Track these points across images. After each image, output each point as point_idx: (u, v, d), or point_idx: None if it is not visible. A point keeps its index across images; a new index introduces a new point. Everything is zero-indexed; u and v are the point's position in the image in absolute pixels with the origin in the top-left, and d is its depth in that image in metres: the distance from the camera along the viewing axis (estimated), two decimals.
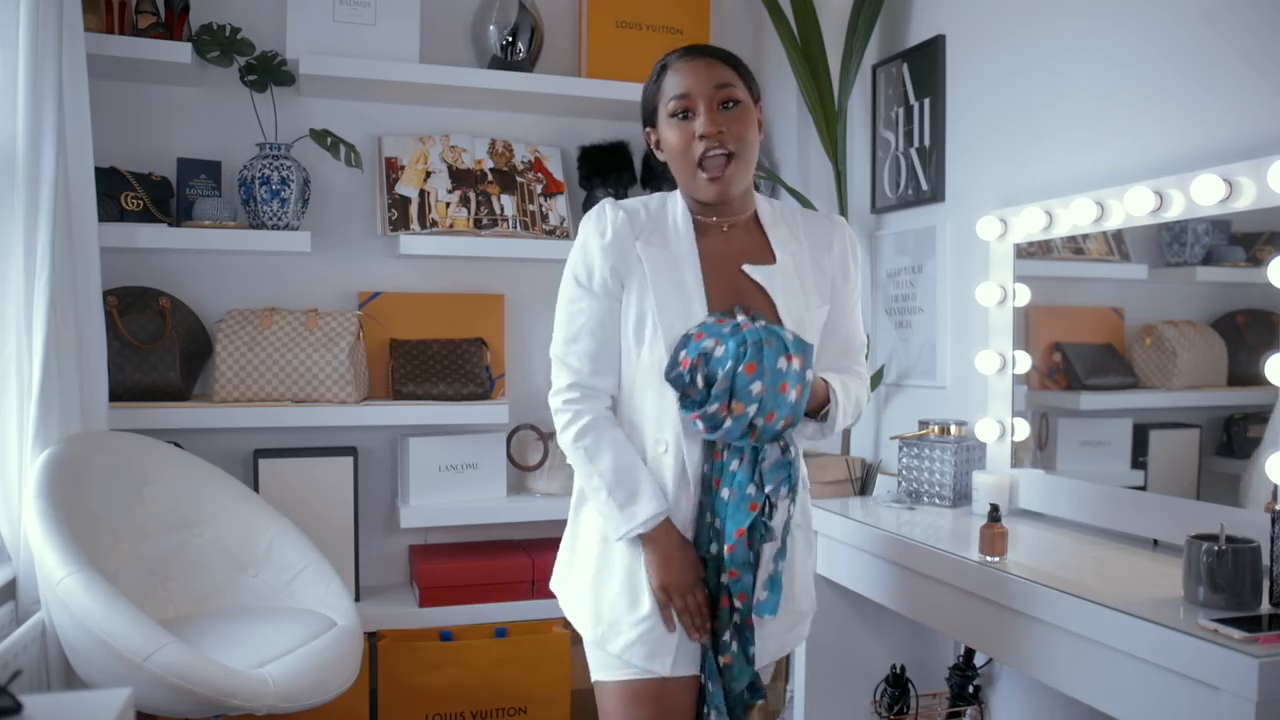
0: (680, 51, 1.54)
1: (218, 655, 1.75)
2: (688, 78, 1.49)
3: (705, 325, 1.43)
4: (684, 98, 1.48)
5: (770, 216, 1.58)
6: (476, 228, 2.65)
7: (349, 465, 2.50)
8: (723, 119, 1.47)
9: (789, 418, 1.40)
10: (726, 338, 1.39)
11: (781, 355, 1.38)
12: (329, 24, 2.53)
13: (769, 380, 1.37)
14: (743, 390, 1.37)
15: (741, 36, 3.02)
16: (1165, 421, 1.75)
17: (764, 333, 1.39)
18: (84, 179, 2.10)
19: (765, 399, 1.38)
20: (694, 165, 1.48)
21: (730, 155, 1.47)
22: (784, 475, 1.45)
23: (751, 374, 1.37)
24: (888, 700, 2.09)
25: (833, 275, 1.57)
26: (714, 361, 1.39)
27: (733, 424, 1.39)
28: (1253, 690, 1.11)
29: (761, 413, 1.38)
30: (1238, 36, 1.59)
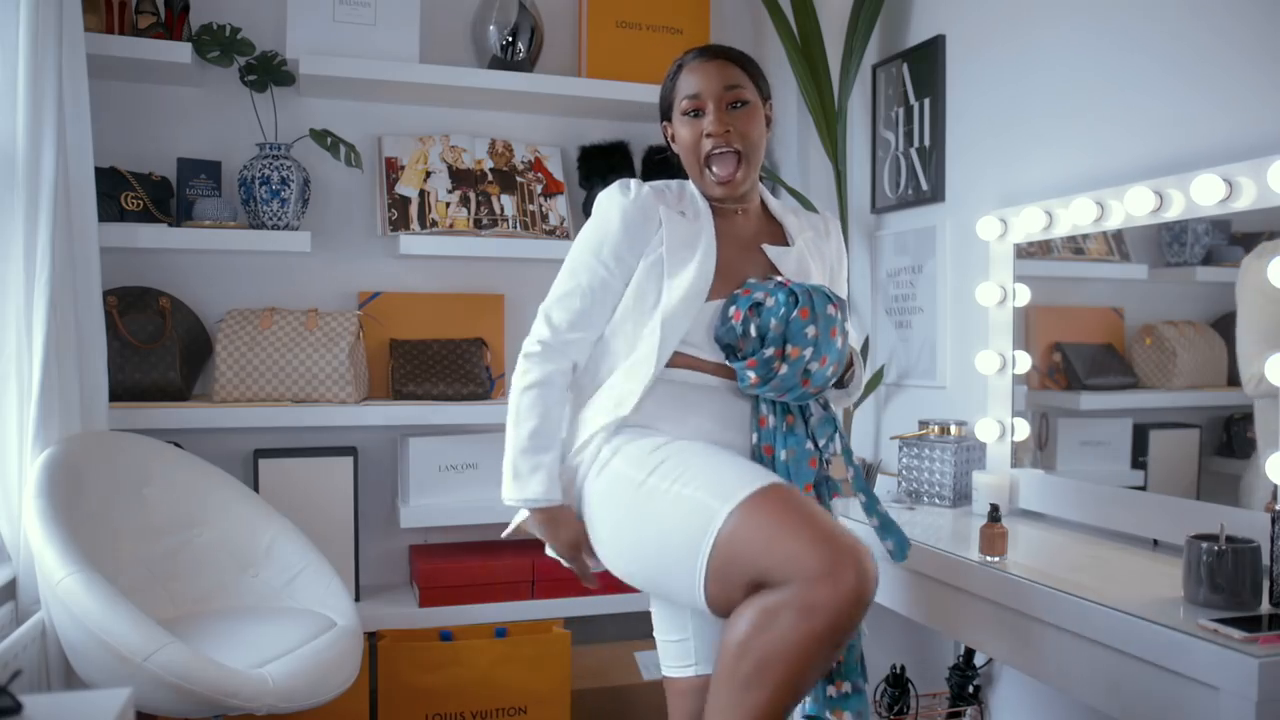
0: (696, 52, 1.63)
1: (218, 655, 1.75)
2: (700, 78, 1.59)
3: (752, 283, 1.54)
4: (695, 97, 1.59)
5: (779, 208, 1.71)
6: (476, 228, 2.65)
7: (349, 465, 2.50)
8: (730, 118, 1.57)
9: (836, 364, 1.52)
10: (775, 290, 1.49)
11: (828, 303, 1.50)
12: (329, 24, 2.53)
13: (823, 325, 1.48)
14: (798, 334, 1.47)
15: (741, 36, 3.02)
16: (1165, 421, 1.75)
17: (809, 286, 1.51)
18: (84, 179, 2.10)
19: (820, 342, 1.48)
20: (702, 162, 1.59)
21: (738, 154, 1.57)
22: (831, 430, 1.56)
23: (806, 318, 1.47)
24: (888, 700, 2.09)
25: (830, 263, 1.71)
26: (766, 311, 1.49)
27: (788, 370, 1.47)
28: (1253, 690, 1.11)
29: (816, 356, 1.48)
30: (1238, 36, 1.59)
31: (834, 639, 1.26)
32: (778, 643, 1.26)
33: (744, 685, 1.29)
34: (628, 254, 1.56)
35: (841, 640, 1.28)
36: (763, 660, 1.27)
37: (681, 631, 1.60)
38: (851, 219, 2.57)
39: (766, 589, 1.29)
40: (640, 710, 2.53)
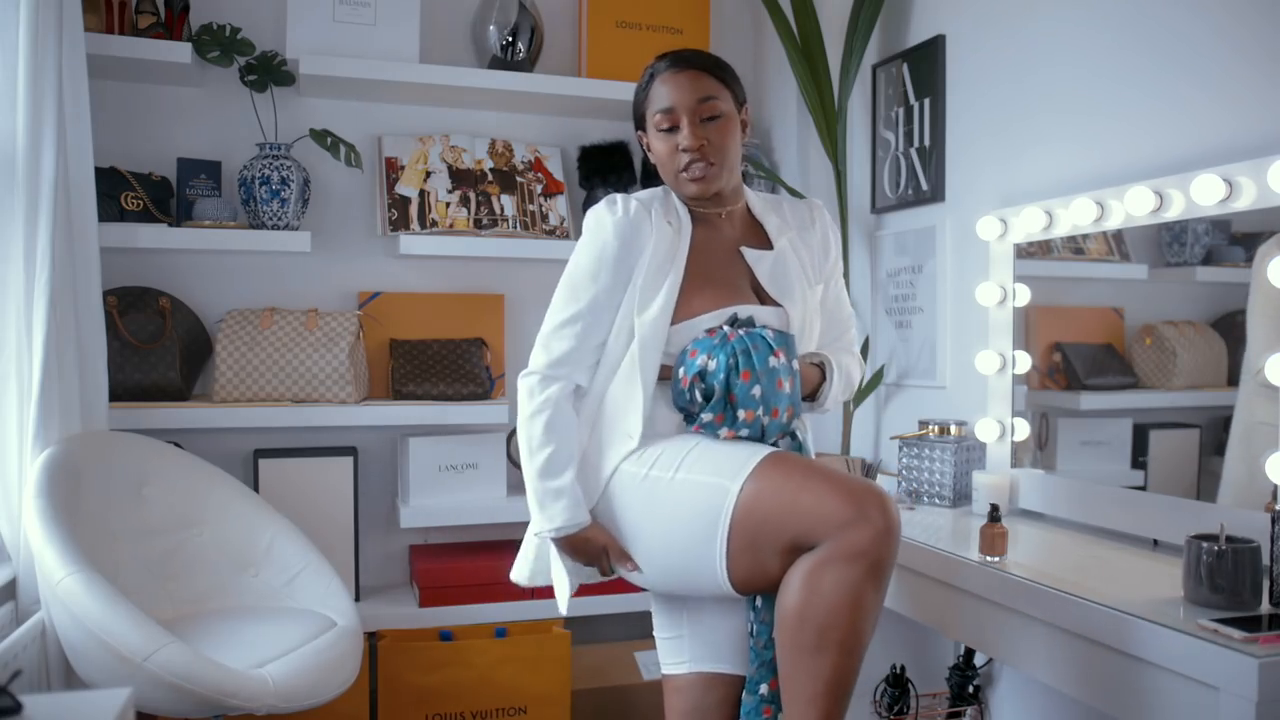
0: (667, 61, 1.60)
1: (218, 655, 1.75)
2: (673, 91, 1.57)
3: (698, 342, 1.51)
4: (669, 112, 1.57)
5: (761, 208, 1.69)
6: (476, 228, 2.65)
7: (349, 465, 2.50)
8: (705, 131, 1.56)
9: (790, 408, 1.50)
10: (717, 350, 1.47)
11: (769, 355, 1.47)
12: (329, 24, 2.53)
13: (765, 381, 1.46)
14: (744, 397, 1.46)
15: (741, 36, 3.02)
16: (1165, 421, 1.75)
17: (748, 339, 1.47)
18: (84, 179, 2.10)
19: (767, 398, 1.47)
20: (677, 173, 1.59)
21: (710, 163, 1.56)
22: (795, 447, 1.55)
23: (747, 380, 1.45)
24: (888, 700, 2.09)
25: (817, 253, 1.69)
26: (709, 376, 1.47)
27: (748, 432, 1.48)
28: (1253, 690, 1.11)
29: (766, 412, 1.47)
30: (1238, 36, 1.59)
31: (880, 579, 1.31)
32: (831, 599, 1.29)
33: (813, 652, 1.31)
34: (624, 272, 1.55)
35: (886, 576, 1.33)
36: (823, 623, 1.30)
37: (676, 629, 1.61)
38: (851, 219, 2.57)
39: (802, 553, 1.33)
40: (640, 710, 2.53)
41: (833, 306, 1.73)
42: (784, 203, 1.73)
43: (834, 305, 1.73)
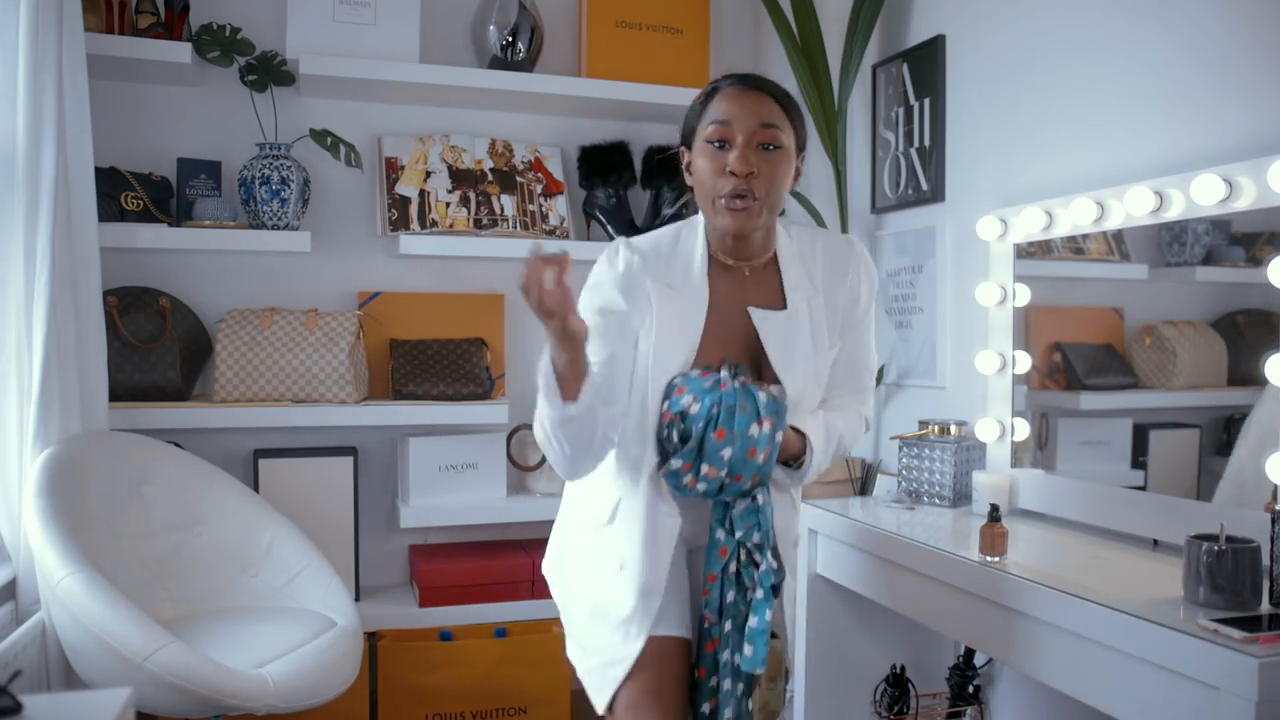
0: (735, 78, 1.47)
1: (218, 655, 1.75)
2: (734, 106, 1.44)
3: (689, 379, 1.44)
4: (724, 125, 1.43)
5: (789, 255, 1.55)
6: (476, 228, 2.65)
7: (349, 465, 2.50)
8: (758, 160, 1.42)
9: (756, 477, 1.43)
10: (705, 394, 1.40)
11: (753, 421, 1.39)
12: (329, 24, 2.53)
13: (739, 446, 1.39)
14: (713, 455, 1.40)
15: (741, 36, 3.02)
16: (1165, 421, 1.75)
17: (740, 395, 1.40)
18: (84, 179, 2.10)
19: (734, 463, 1.40)
20: (716, 198, 1.45)
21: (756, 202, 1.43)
22: (754, 522, 1.45)
23: (722, 440, 1.39)
24: (888, 700, 2.09)
25: (844, 308, 1.57)
26: (689, 419, 1.41)
27: (706, 486, 1.42)
28: (1253, 690, 1.11)
29: (730, 475, 1.41)
30: (1238, 36, 1.59)
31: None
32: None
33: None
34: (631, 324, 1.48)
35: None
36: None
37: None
38: (851, 219, 2.57)
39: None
40: None
41: (849, 357, 1.61)
42: (820, 245, 1.58)
43: (851, 355, 1.61)
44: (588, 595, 1.59)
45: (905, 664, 2.11)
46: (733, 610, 1.46)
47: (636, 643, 1.48)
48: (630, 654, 1.49)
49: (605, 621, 1.54)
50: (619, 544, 1.53)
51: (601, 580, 1.56)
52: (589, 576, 1.59)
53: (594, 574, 1.58)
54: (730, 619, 1.46)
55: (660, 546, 1.50)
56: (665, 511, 1.50)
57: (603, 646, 1.54)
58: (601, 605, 1.55)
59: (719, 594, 1.47)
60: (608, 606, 1.53)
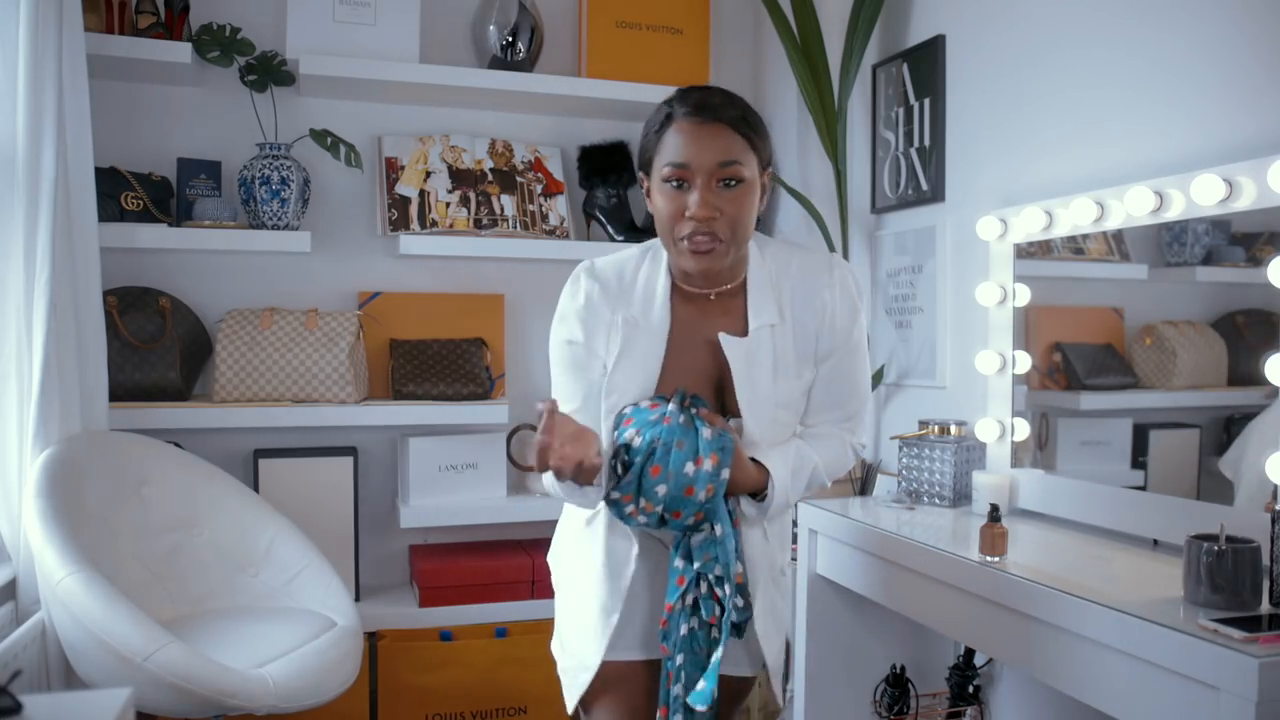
0: (691, 106, 1.38)
1: (218, 655, 1.75)
2: (690, 146, 1.36)
3: (637, 410, 1.42)
4: (681, 167, 1.37)
5: (758, 279, 1.49)
6: (476, 228, 2.65)
7: (349, 465, 2.50)
8: (720, 199, 1.37)
9: (699, 514, 1.39)
10: (647, 428, 1.38)
11: (690, 460, 1.36)
12: (329, 24, 2.53)
13: (673, 484, 1.37)
14: (649, 490, 1.38)
15: (741, 36, 3.02)
16: (1165, 421, 1.75)
17: (679, 431, 1.37)
18: (84, 179, 2.10)
19: (669, 500, 1.37)
20: (676, 239, 1.40)
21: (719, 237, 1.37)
22: (714, 554, 1.41)
23: (656, 476, 1.37)
24: (888, 700, 2.09)
25: (817, 333, 1.49)
26: (632, 451, 1.39)
27: (646, 520, 1.42)
28: (1253, 690, 1.11)
29: (668, 510, 1.39)
30: (1238, 36, 1.59)
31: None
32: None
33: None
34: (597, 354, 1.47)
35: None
36: None
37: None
38: (851, 219, 2.57)
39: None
40: None
41: (832, 384, 1.52)
42: (795, 264, 1.50)
43: (834, 382, 1.52)
44: (570, 590, 1.61)
45: (905, 664, 2.11)
46: (687, 644, 1.42)
47: (595, 656, 1.50)
48: (591, 665, 1.50)
49: (577, 623, 1.56)
50: (589, 550, 1.56)
51: (578, 580, 1.58)
52: (571, 574, 1.61)
53: (575, 573, 1.60)
54: (683, 652, 1.42)
55: (615, 564, 1.51)
56: (622, 533, 1.51)
57: (573, 651, 1.56)
58: (579, 604, 1.57)
59: (675, 625, 1.43)
60: (580, 608, 1.56)
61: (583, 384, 1.48)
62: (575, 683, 1.54)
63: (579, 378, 1.48)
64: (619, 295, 1.47)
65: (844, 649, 2.10)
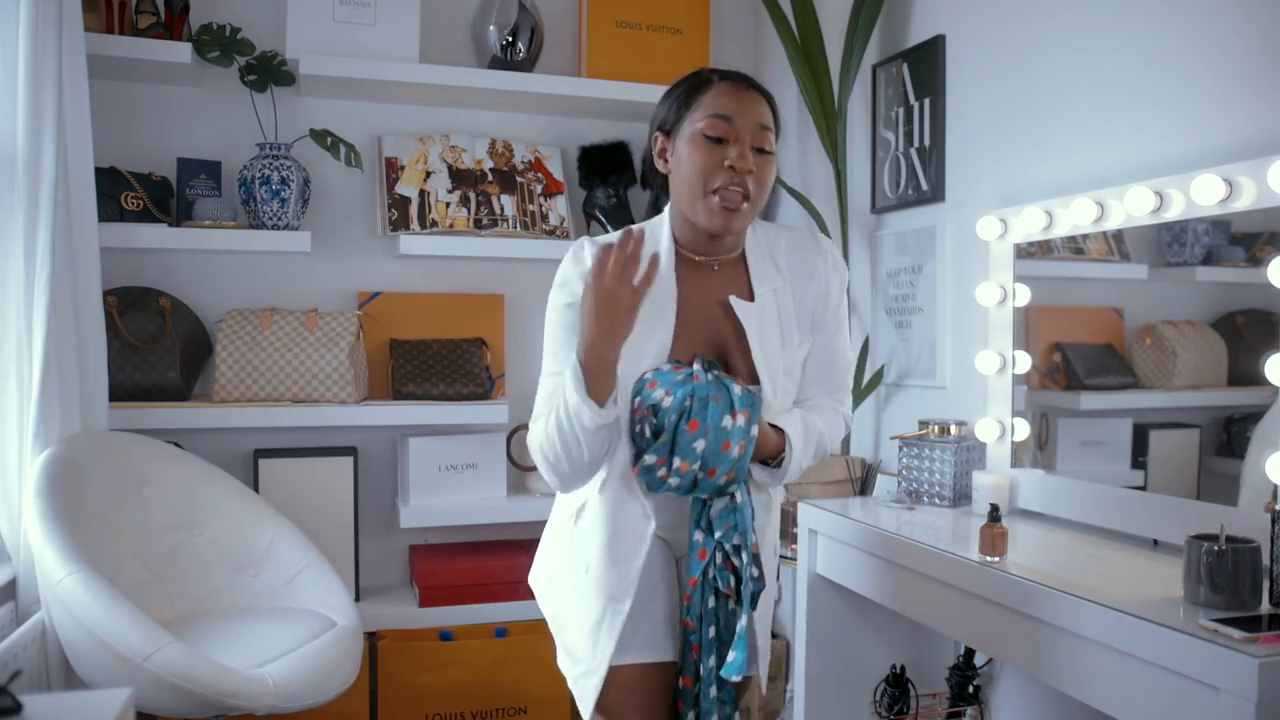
0: (728, 73, 1.48)
1: (218, 655, 1.75)
2: (736, 104, 1.43)
3: (660, 374, 1.41)
4: (726, 121, 1.42)
5: (755, 250, 1.54)
6: (476, 228, 2.65)
7: (349, 465, 2.50)
8: (755, 160, 1.43)
9: (731, 473, 1.39)
10: (677, 387, 1.37)
11: (726, 413, 1.36)
12: (329, 24, 2.53)
13: (712, 438, 1.36)
14: (685, 447, 1.36)
15: (741, 36, 3.02)
16: (1165, 421, 1.75)
17: (713, 387, 1.37)
18: (84, 179, 2.10)
19: (707, 455, 1.37)
20: (708, 191, 1.42)
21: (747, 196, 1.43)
22: (732, 522, 1.43)
23: (694, 431, 1.35)
24: (888, 700, 2.09)
25: (814, 305, 1.54)
26: (661, 413, 1.38)
27: (678, 482, 1.39)
28: (1253, 690, 1.11)
29: (704, 469, 1.38)
30: (1237, 36, 1.59)
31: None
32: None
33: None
34: None
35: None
36: None
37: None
38: (851, 219, 2.57)
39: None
40: None
41: (823, 356, 1.57)
42: (785, 241, 1.56)
43: (825, 354, 1.58)
44: (565, 598, 1.57)
45: (905, 664, 2.11)
46: (713, 616, 1.43)
47: (606, 649, 1.46)
48: (602, 661, 1.47)
49: (580, 626, 1.51)
50: (583, 546, 1.51)
51: (572, 582, 1.54)
52: (564, 578, 1.57)
53: (568, 575, 1.56)
54: (712, 624, 1.43)
55: (626, 546, 1.46)
56: (638, 512, 1.46)
57: (581, 656, 1.52)
58: (575, 608, 1.53)
59: (699, 599, 1.43)
60: (580, 611, 1.51)
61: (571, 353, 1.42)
62: (588, 688, 1.49)
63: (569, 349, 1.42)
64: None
65: (844, 649, 2.10)
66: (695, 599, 1.43)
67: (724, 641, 1.43)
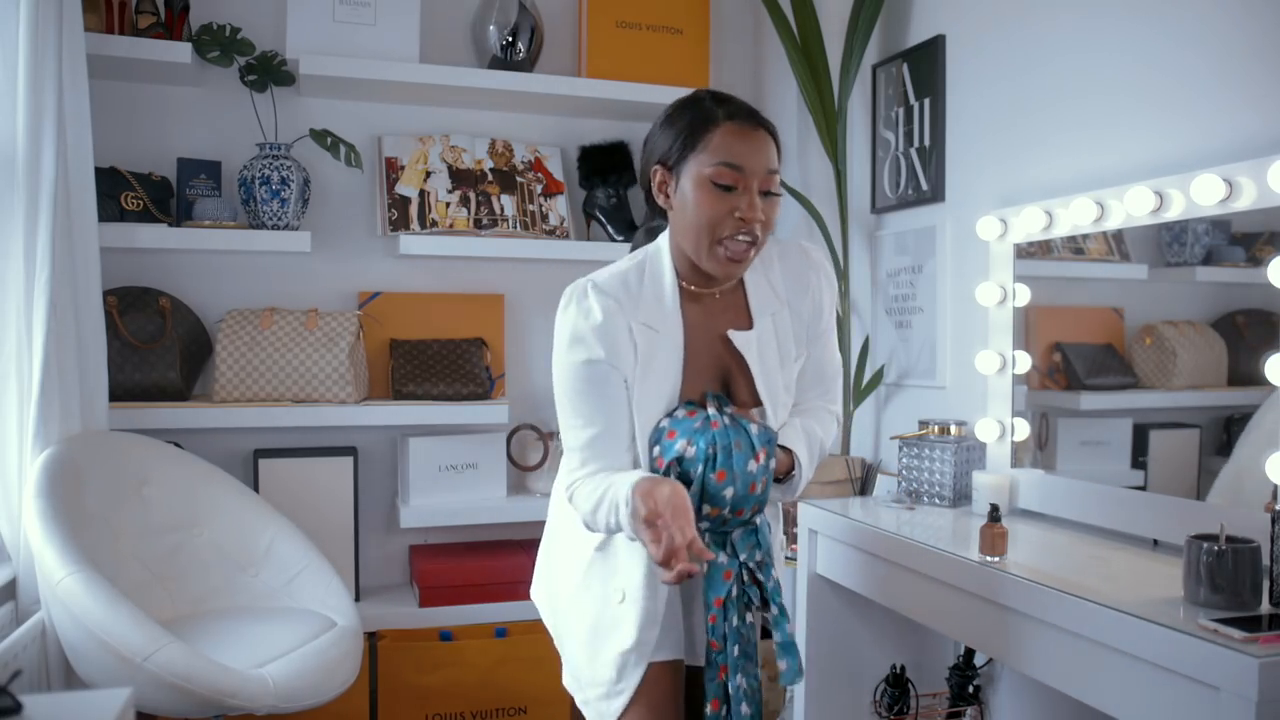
0: (738, 110, 1.41)
1: (218, 655, 1.75)
2: (745, 149, 1.38)
3: (677, 422, 1.41)
4: (737, 170, 1.37)
5: (752, 275, 1.52)
6: (476, 228, 2.65)
7: (349, 465, 2.50)
8: (763, 206, 1.40)
9: (756, 507, 1.44)
10: (697, 436, 1.38)
11: (750, 458, 1.39)
12: (329, 24, 2.53)
13: (740, 484, 1.39)
14: (716, 495, 1.39)
15: (741, 36, 3.02)
16: (1165, 421, 1.75)
17: (733, 432, 1.39)
18: (84, 179, 2.10)
19: (735, 501, 1.40)
20: (715, 240, 1.39)
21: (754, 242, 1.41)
22: (754, 541, 1.47)
23: (722, 481, 1.38)
24: (888, 700, 2.09)
25: (809, 319, 1.55)
26: (686, 462, 1.39)
27: (710, 525, 1.42)
28: (1253, 690, 1.11)
29: (732, 511, 1.41)
30: (1237, 37, 1.59)
31: None
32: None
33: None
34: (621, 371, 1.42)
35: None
36: None
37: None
38: (851, 219, 2.57)
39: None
40: None
41: (817, 364, 1.59)
42: (777, 258, 1.54)
43: (819, 362, 1.59)
44: (583, 621, 1.55)
45: (905, 664, 2.11)
46: (737, 634, 1.44)
47: (635, 675, 1.48)
48: (629, 687, 1.48)
49: (602, 652, 1.51)
50: (619, 575, 1.50)
51: (599, 608, 1.53)
52: (583, 602, 1.55)
53: (591, 601, 1.54)
54: (736, 643, 1.44)
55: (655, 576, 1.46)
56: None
57: (600, 680, 1.51)
58: (600, 633, 1.52)
59: (723, 619, 1.44)
60: (606, 636, 1.51)
61: (605, 404, 1.42)
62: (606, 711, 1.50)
63: (601, 396, 1.41)
64: (629, 304, 1.43)
65: (844, 649, 2.10)
66: (719, 619, 1.44)
67: (749, 658, 1.45)
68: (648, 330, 1.43)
